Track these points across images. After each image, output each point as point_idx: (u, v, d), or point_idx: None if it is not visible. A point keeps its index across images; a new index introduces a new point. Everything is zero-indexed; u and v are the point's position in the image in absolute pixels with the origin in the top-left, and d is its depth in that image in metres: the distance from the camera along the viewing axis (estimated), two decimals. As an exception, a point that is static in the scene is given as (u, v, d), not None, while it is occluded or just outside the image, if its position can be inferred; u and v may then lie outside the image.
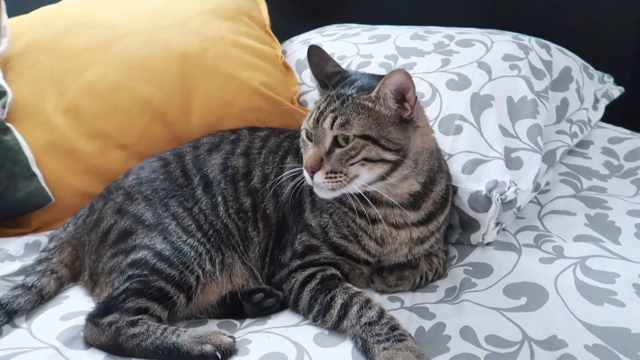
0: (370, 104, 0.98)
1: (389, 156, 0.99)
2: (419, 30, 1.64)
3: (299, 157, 1.16)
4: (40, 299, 1.07)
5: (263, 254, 1.12)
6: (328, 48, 1.65)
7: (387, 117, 0.99)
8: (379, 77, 1.10)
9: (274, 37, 1.69)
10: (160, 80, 1.42)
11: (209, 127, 1.40)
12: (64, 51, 1.47)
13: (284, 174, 1.11)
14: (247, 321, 1.04)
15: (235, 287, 1.08)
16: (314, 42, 1.71)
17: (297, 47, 1.73)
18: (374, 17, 1.88)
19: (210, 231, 1.10)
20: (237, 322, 1.04)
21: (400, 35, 1.62)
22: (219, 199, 1.14)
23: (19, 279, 1.12)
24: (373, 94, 0.99)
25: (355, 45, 1.62)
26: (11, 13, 1.54)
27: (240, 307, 1.06)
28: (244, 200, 1.14)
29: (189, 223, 1.09)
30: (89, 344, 0.96)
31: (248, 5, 1.69)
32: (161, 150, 1.30)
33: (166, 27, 1.52)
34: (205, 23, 1.55)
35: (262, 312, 1.05)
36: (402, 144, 1.00)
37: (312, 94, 1.57)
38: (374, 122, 0.98)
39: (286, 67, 1.60)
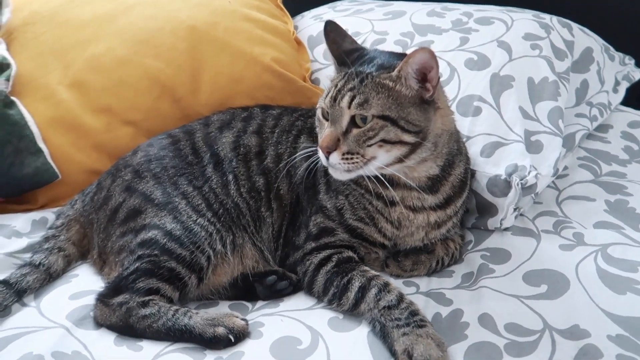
0: (390, 83, 0.95)
1: (408, 138, 0.95)
2: (436, 6, 1.58)
3: (313, 137, 1.13)
4: (49, 277, 1.05)
5: (276, 236, 1.10)
6: (341, 24, 1.57)
7: (407, 97, 0.95)
8: (399, 55, 1.06)
9: (286, 12, 1.64)
10: (169, 54, 1.37)
11: (218, 104, 1.36)
12: (68, 23, 1.42)
13: (297, 154, 1.08)
14: (259, 303, 1.02)
15: (246, 269, 1.06)
16: (326, 17, 1.66)
17: (309, 22, 1.67)
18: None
19: (221, 210, 1.07)
20: (248, 304, 1.02)
21: (417, 11, 1.57)
22: (230, 177, 1.11)
23: (26, 256, 1.10)
24: (394, 72, 0.95)
25: (369, 22, 1.57)
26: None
27: (251, 289, 1.04)
28: (257, 179, 1.11)
29: (199, 202, 1.07)
30: (99, 324, 0.94)
31: (259, -22, 1.62)
32: (170, 128, 1.26)
33: (175, -1, 1.47)
34: (215, -5, 1.49)
35: (275, 294, 1.03)
36: (422, 125, 0.96)
37: (325, 72, 1.53)
38: (394, 102, 0.94)
39: (298, 43, 1.55)
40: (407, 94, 0.95)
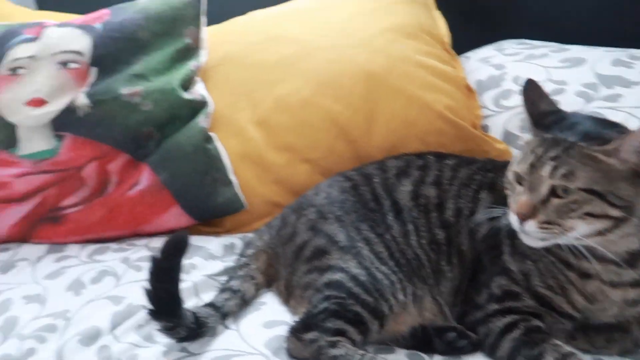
0: (602, 157, 0.92)
1: (614, 213, 0.92)
2: (621, 54, 1.49)
3: (493, 194, 1.12)
4: (244, 303, 1.16)
5: (455, 291, 1.11)
6: (511, 69, 1.58)
7: (619, 171, 0.92)
8: (603, 122, 1.02)
9: (455, 56, 1.65)
10: (347, 97, 1.46)
11: (390, 146, 1.41)
12: (256, 65, 1.57)
13: (481, 214, 1.09)
14: (436, 357, 1.04)
15: (425, 321, 1.08)
16: (495, 61, 1.64)
17: (476, 65, 1.67)
18: (538, 32, 1.72)
19: (402, 260, 1.11)
20: (424, 356, 1.04)
21: (599, 59, 1.49)
22: (410, 227, 1.15)
23: (222, 279, 1.23)
24: (610, 146, 0.91)
25: (544, 69, 1.52)
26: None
27: (428, 340, 1.06)
28: (437, 232, 1.14)
29: (381, 249, 1.11)
30: (292, 356, 1.02)
31: (428, 22, 1.66)
32: (343, 167, 1.34)
33: (353, 44, 1.55)
34: (390, 41, 1.55)
35: (453, 351, 1.04)
36: (630, 200, 0.92)
37: (494, 119, 1.52)
38: (603, 176, 0.91)
39: (469, 89, 1.56)
40: (620, 168, 0.92)
